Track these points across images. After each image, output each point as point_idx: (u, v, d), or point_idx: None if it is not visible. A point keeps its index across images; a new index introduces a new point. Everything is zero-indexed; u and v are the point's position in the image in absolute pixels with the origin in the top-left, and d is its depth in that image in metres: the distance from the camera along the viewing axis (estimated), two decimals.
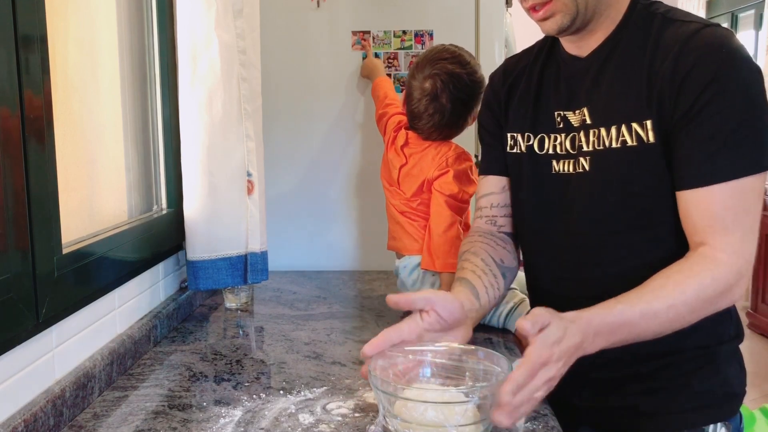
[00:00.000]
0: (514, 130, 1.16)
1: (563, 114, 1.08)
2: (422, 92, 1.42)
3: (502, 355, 0.88)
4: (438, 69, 1.41)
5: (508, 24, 2.17)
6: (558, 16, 1.01)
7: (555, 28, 1.02)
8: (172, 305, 1.37)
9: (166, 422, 0.93)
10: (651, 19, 1.02)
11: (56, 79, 0.97)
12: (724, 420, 1.05)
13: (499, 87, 1.21)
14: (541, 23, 1.03)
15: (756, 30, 5.12)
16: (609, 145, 1.01)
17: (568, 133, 1.08)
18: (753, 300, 4.22)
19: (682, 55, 0.95)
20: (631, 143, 0.99)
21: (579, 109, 1.06)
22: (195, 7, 1.34)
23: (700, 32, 0.96)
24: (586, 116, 1.05)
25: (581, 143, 1.05)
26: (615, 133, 1.01)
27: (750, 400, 2.97)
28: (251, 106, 1.43)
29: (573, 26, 1.02)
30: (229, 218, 1.43)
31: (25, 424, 0.83)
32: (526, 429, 0.91)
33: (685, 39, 0.96)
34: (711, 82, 0.92)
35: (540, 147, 1.11)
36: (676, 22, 1.00)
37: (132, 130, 1.41)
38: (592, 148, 1.03)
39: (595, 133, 1.03)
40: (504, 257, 1.15)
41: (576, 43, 1.07)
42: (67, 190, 1.03)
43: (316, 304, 1.56)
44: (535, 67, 1.15)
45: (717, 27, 0.98)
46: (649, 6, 1.04)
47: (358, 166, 1.90)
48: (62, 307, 0.96)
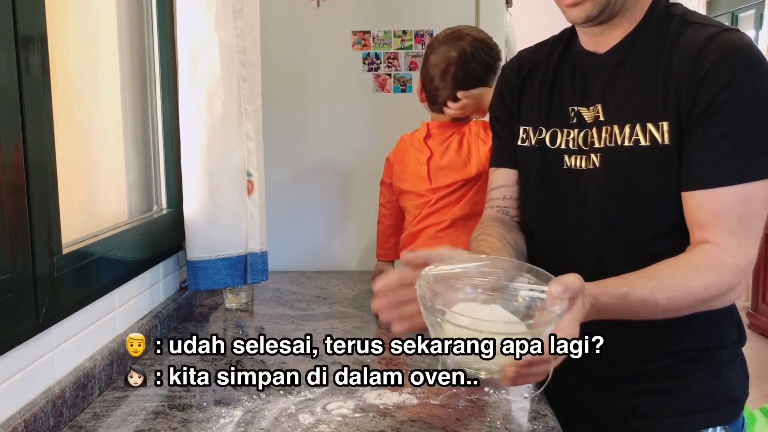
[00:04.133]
0: (527, 123, 1.15)
1: (577, 109, 1.08)
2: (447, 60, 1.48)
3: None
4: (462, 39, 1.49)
5: (508, 24, 2.17)
6: (588, 4, 0.99)
7: (583, 16, 1.00)
8: (172, 305, 1.37)
9: (166, 422, 0.93)
10: (670, 21, 1.02)
11: (56, 79, 0.97)
12: (724, 423, 1.05)
13: (512, 78, 1.20)
14: (569, 9, 1.02)
15: (756, 30, 5.12)
16: (621, 143, 1.01)
17: (581, 128, 1.07)
18: (753, 300, 4.22)
19: (700, 58, 0.95)
20: (644, 143, 0.99)
21: (593, 106, 1.06)
22: (195, 7, 1.34)
23: (718, 36, 0.96)
24: (600, 113, 1.05)
25: (593, 139, 1.05)
26: (628, 131, 1.01)
27: (750, 401, 2.95)
28: (251, 106, 1.43)
29: (600, 17, 1.01)
30: (229, 218, 1.43)
31: (25, 424, 0.83)
32: (527, 429, 0.91)
33: (704, 42, 0.96)
34: (727, 85, 0.92)
35: (552, 141, 1.11)
36: (694, 24, 1.00)
37: (132, 130, 1.41)
38: (604, 145, 1.04)
39: (608, 130, 1.03)
40: (518, 242, 1.15)
41: (596, 37, 1.07)
42: (67, 190, 1.03)
43: (316, 304, 1.56)
44: (551, 61, 1.14)
45: (736, 32, 0.98)
46: (669, 7, 1.04)
47: (359, 166, 1.90)
48: (62, 307, 0.96)
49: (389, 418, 0.93)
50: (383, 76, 1.85)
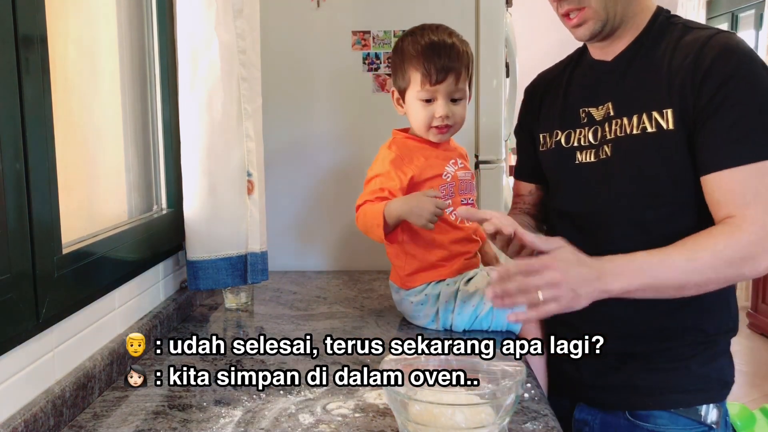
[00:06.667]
0: (545, 130, 1.28)
1: (587, 110, 1.19)
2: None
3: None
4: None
5: (508, 24, 2.17)
6: (590, 22, 1.12)
7: (587, 34, 1.14)
8: (172, 305, 1.37)
9: (166, 422, 0.93)
10: (672, 28, 1.13)
11: (56, 79, 0.97)
12: (716, 402, 1.14)
13: (534, 96, 1.33)
14: (574, 30, 1.15)
15: (756, 30, 5.12)
16: (630, 132, 1.11)
17: (590, 126, 1.18)
18: (753, 300, 4.22)
19: (702, 54, 1.06)
20: (651, 130, 1.09)
21: (603, 105, 1.16)
22: (195, 7, 1.34)
23: (717, 35, 1.07)
24: (610, 110, 1.15)
25: (605, 133, 1.16)
26: (636, 121, 1.11)
27: (750, 400, 2.96)
28: (251, 106, 1.43)
29: (603, 32, 1.14)
30: (229, 218, 1.43)
31: (25, 424, 0.83)
32: (527, 429, 0.91)
33: (705, 40, 1.07)
34: (730, 77, 1.03)
35: (566, 141, 1.23)
36: (694, 29, 1.11)
37: (132, 130, 1.41)
38: (614, 136, 1.14)
39: (618, 123, 1.14)
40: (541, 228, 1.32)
41: (603, 49, 1.19)
42: (67, 190, 1.03)
43: (316, 304, 1.56)
44: (565, 75, 1.28)
45: (732, 33, 1.11)
46: (670, 18, 1.16)
47: (359, 166, 1.90)
48: (62, 307, 0.96)
49: (389, 418, 0.93)
50: (383, 76, 1.85)
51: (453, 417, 0.79)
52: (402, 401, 0.81)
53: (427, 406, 0.79)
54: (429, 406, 0.79)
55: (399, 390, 0.82)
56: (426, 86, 1.29)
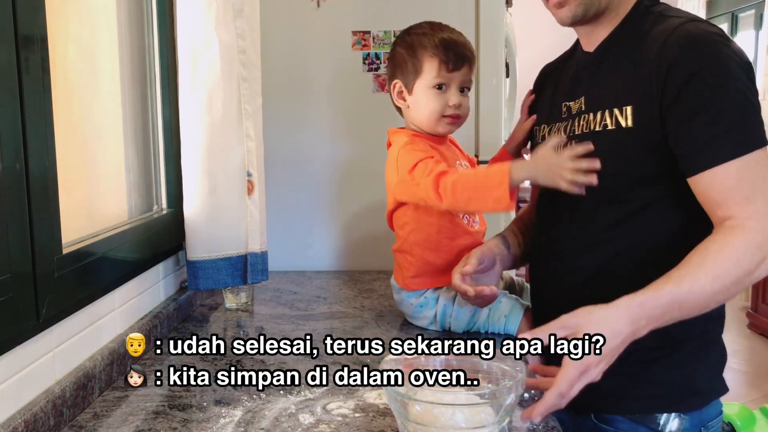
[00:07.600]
0: (537, 124, 1.29)
1: (568, 104, 1.18)
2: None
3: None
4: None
5: (508, 24, 2.17)
6: (572, 5, 1.08)
7: (569, 16, 1.09)
8: (172, 305, 1.37)
9: (166, 422, 0.93)
10: (648, 16, 1.09)
11: (56, 79, 0.97)
12: (680, 412, 1.08)
13: (535, 89, 1.35)
14: (556, 11, 1.10)
15: (756, 30, 5.12)
16: (593, 129, 1.09)
17: (566, 121, 1.17)
18: (753, 300, 4.21)
19: (665, 47, 1.01)
20: (611, 127, 1.06)
21: (578, 99, 1.15)
22: (195, 7, 1.34)
23: (683, 26, 1.02)
24: (582, 104, 1.13)
25: (573, 128, 1.14)
26: (599, 117, 1.09)
27: (750, 400, 2.96)
28: (251, 106, 1.43)
29: (586, 16, 1.09)
30: (229, 218, 1.43)
31: (25, 424, 0.83)
32: (527, 429, 0.91)
33: (670, 32, 1.02)
34: (697, 72, 0.98)
35: (550, 135, 1.22)
36: (669, 18, 1.06)
37: (132, 130, 1.41)
38: (581, 132, 1.12)
39: (585, 118, 1.12)
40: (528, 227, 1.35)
41: (587, 37, 1.16)
42: (67, 190, 1.03)
43: (316, 304, 1.56)
44: (559, 67, 1.27)
45: (700, 21, 1.05)
46: (651, 6, 1.11)
47: (359, 166, 1.90)
48: (62, 307, 0.96)
49: (389, 418, 0.93)
50: (383, 76, 1.85)
51: (453, 417, 0.79)
52: (402, 401, 0.81)
53: (427, 406, 0.79)
54: (429, 406, 0.79)
55: (399, 390, 0.82)
56: (443, 72, 1.29)
